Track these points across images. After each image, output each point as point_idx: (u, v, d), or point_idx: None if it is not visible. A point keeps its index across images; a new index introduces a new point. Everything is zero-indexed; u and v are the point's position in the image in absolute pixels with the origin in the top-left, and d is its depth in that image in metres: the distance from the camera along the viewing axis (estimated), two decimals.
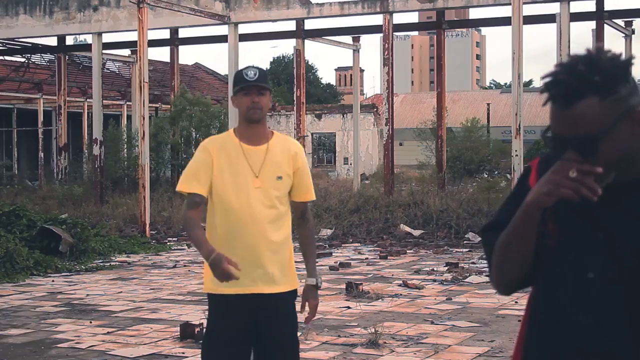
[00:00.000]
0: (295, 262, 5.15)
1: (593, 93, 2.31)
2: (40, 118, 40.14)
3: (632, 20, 27.58)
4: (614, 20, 26.25)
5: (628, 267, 2.36)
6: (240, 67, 28.75)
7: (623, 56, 2.37)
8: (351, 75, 42.04)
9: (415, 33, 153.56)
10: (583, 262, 2.42)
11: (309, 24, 27.02)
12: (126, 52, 34.22)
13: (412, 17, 37.72)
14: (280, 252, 4.97)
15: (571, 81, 2.32)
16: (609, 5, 25.63)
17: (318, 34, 28.55)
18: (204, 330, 5.24)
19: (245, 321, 4.90)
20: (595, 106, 2.31)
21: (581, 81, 2.31)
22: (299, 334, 5.25)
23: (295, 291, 5.07)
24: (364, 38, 30.55)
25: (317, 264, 5.52)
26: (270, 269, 4.91)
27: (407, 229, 20.16)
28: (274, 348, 4.97)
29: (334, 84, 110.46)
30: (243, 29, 26.36)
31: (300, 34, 26.62)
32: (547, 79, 2.37)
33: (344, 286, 12.67)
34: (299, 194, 5.08)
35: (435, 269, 14.94)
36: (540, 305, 2.55)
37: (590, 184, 2.29)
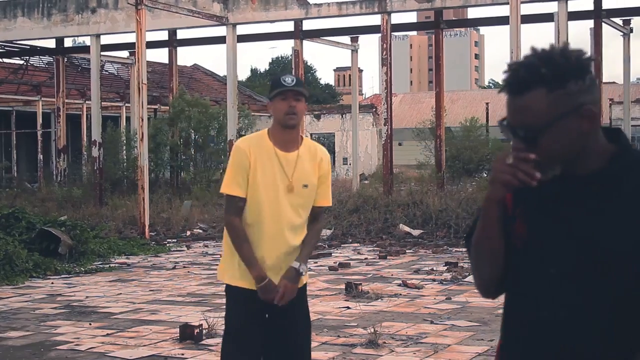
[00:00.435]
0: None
1: (541, 85, 2.38)
2: (39, 120, 40.13)
3: (630, 19, 27.61)
4: (612, 18, 26.26)
5: (587, 262, 2.39)
6: (239, 68, 28.57)
7: (585, 54, 2.43)
8: (350, 75, 42.13)
9: (414, 33, 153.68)
10: (546, 258, 2.46)
11: (307, 25, 27.05)
12: (124, 53, 34.22)
13: (411, 17, 37.91)
14: (296, 252, 5.15)
15: (522, 72, 2.40)
16: (607, 4, 25.58)
17: (316, 35, 28.56)
18: (224, 322, 5.37)
19: (259, 314, 5.09)
20: (541, 98, 2.39)
21: (530, 72, 2.39)
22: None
23: (305, 286, 5.27)
24: (362, 38, 30.61)
25: (313, 263, 5.66)
26: (287, 266, 5.11)
27: (407, 228, 20.16)
28: (287, 340, 5.15)
29: (333, 85, 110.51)
30: (241, 29, 26.44)
31: (299, 34, 26.64)
32: (505, 69, 2.46)
33: (343, 286, 12.67)
34: (317, 200, 5.21)
35: (434, 268, 14.94)
36: (509, 303, 2.60)
37: (526, 169, 2.36)
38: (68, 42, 35.09)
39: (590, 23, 25.97)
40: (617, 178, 2.42)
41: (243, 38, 27.72)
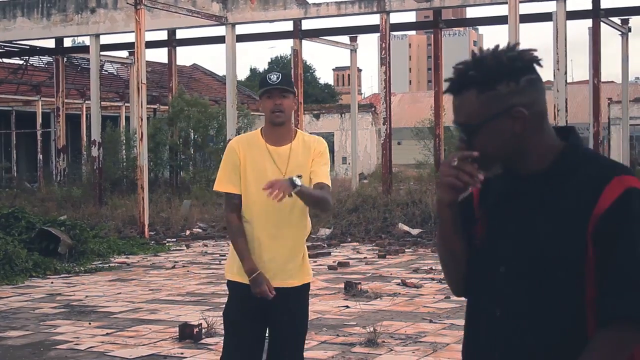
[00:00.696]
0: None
1: (472, 87, 2.47)
2: (39, 120, 40.11)
3: (628, 18, 27.63)
4: (610, 18, 26.29)
5: (533, 260, 2.43)
6: (238, 67, 28.59)
7: (523, 56, 2.48)
8: (349, 75, 42.20)
9: (413, 32, 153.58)
10: (497, 257, 2.51)
11: (306, 24, 27.06)
12: (124, 53, 34.24)
13: (409, 17, 37.85)
14: (295, 249, 5.15)
15: (454, 74, 2.50)
16: (605, 3, 25.63)
17: (315, 34, 28.58)
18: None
19: (257, 309, 5.09)
20: (472, 99, 2.47)
21: (460, 75, 2.49)
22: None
23: (307, 285, 5.27)
24: (361, 38, 30.62)
25: (313, 262, 5.64)
26: (285, 264, 5.13)
27: (406, 228, 20.18)
28: (279, 339, 5.15)
29: (332, 84, 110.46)
30: (240, 29, 26.44)
31: (298, 34, 26.66)
32: (452, 71, 2.55)
33: (342, 285, 12.70)
34: (312, 178, 5.14)
35: (433, 267, 14.95)
36: (469, 302, 2.66)
37: (470, 170, 2.43)
38: (67, 42, 35.12)
39: (588, 22, 25.97)
40: (559, 178, 2.45)
41: (242, 38, 27.73)
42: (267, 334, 5.25)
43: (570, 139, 2.52)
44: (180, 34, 30.40)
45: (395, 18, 29.97)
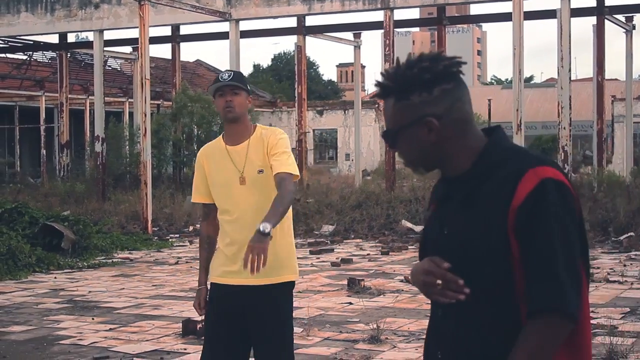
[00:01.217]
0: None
1: (390, 95, 2.60)
2: (42, 115, 40.14)
3: (632, 16, 27.61)
4: (614, 15, 26.26)
5: (460, 259, 2.48)
6: (241, 63, 28.61)
7: (437, 65, 2.55)
8: (352, 71, 42.30)
9: (416, 29, 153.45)
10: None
11: (310, 21, 27.12)
12: (128, 49, 34.25)
13: (413, 13, 37.92)
14: (273, 246, 4.91)
15: (377, 83, 2.65)
16: (609, 1, 25.63)
17: (319, 30, 28.57)
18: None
19: (236, 310, 5.08)
20: (390, 107, 2.61)
21: (380, 85, 2.63)
22: (300, 330, 5.29)
23: (290, 283, 5.17)
24: (365, 34, 30.60)
25: (316, 259, 5.61)
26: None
27: (409, 224, 20.18)
28: (260, 340, 5.07)
29: (335, 80, 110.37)
30: (244, 25, 26.40)
31: (302, 30, 26.65)
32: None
33: (345, 282, 12.70)
34: (273, 169, 5.05)
35: None
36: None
37: (451, 293, 2.47)
38: (71, 38, 35.04)
39: (593, 20, 25.97)
40: (479, 176, 2.51)
41: (246, 34, 27.71)
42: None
43: (491, 137, 2.58)
44: (184, 30, 30.46)
45: (399, 15, 29.98)
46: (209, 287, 5.23)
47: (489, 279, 2.44)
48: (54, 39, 31.71)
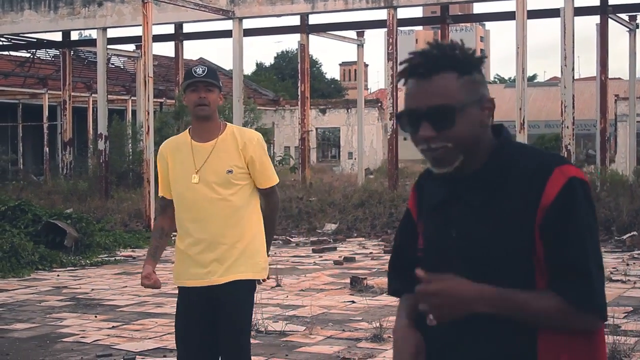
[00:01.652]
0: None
1: (451, 69, 2.36)
2: (45, 113, 40.14)
3: (636, 15, 27.56)
4: (618, 14, 26.23)
5: (478, 260, 2.38)
6: (244, 62, 28.55)
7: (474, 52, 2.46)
8: (355, 70, 42.24)
9: (420, 28, 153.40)
10: (442, 264, 2.43)
11: (313, 19, 27.07)
12: (131, 47, 34.23)
13: (417, 12, 37.92)
14: (236, 244, 5.07)
15: (433, 52, 2.38)
16: (613, 0, 25.64)
17: (322, 29, 28.57)
18: None
19: (202, 312, 5.09)
20: (453, 81, 2.36)
21: (442, 53, 2.38)
22: (302, 328, 5.31)
23: (251, 282, 5.16)
24: (368, 33, 30.52)
25: (319, 257, 5.67)
26: (222, 261, 5.06)
27: None
28: (222, 339, 5.07)
29: (338, 79, 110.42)
30: (247, 23, 26.40)
31: (305, 28, 26.64)
32: (406, 59, 2.44)
33: (348, 281, 12.70)
34: (258, 182, 5.18)
35: None
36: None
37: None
38: (74, 36, 35.09)
39: (596, 19, 25.93)
40: (497, 175, 2.40)
41: (249, 32, 27.72)
42: None
43: (502, 135, 2.48)
44: (187, 28, 30.44)
45: (403, 13, 29.96)
46: (154, 269, 5.32)
47: (509, 280, 2.34)
48: (57, 36, 31.72)
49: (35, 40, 32.98)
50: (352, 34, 30.70)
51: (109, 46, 28.32)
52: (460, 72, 2.37)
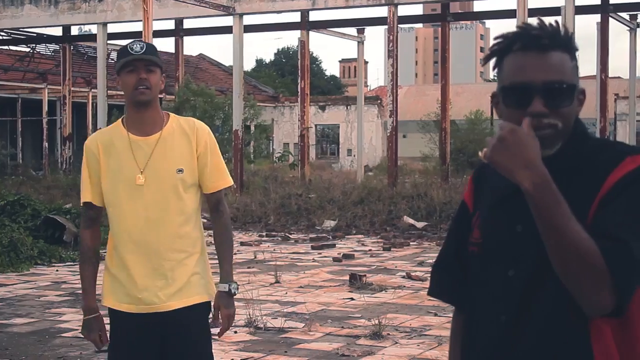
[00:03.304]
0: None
1: (565, 49, 2.27)
2: (45, 108, 40.19)
3: (636, 14, 27.61)
4: (618, 13, 26.25)
5: (542, 262, 2.20)
6: (244, 58, 28.41)
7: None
8: (355, 67, 42.06)
9: (420, 25, 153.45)
10: (504, 259, 2.31)
11: (314, 16, 27.06)
12: None
13: (417, 9, 37.93)
14: (186, 260, 4.20)
15: (549, 29, 2.27)
16: None
17: (322, 26, 28.58)
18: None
19: (149, 342, 4.19)
20: (567, 60, 2.26)
21: (559, 32, 2.26)
22: (301, 325, 5.25)
23: (206, 304, 4.28)
24: (369, 30, 30.58)
25: (317, 254, 5.37)
26: (172, 281, 4.15)
27: (411, 220, 20.17)
28: None
29: (338, 76, 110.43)
30: (248, 20, 26.42)
31: (305, 25, 26.65)
32: (516, 31, 2.30)
33: (347, 278, 12.70)
34: (209, 183, 4.25)
35: None
36: (472, 309, 2.46)
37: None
38: (75, 31, 35.08)
39: (597, 17, 25.95)
40: (565, 168, 2.25)
41: (249, 28, 27.73)
42: None
43: (577, 127, 2.32)
44: (188, 24, 30.42)
45: (403, 10, 29.97)
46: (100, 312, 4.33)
47: None
48: (57, 31, 31.75)
49: (35, 34, 32.99)
50: (352, 30, 30.74)
51: (109, 41, 28.34)
52: (571, 54, 2.28)
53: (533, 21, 2.30)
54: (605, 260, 2.08)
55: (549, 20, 2.29)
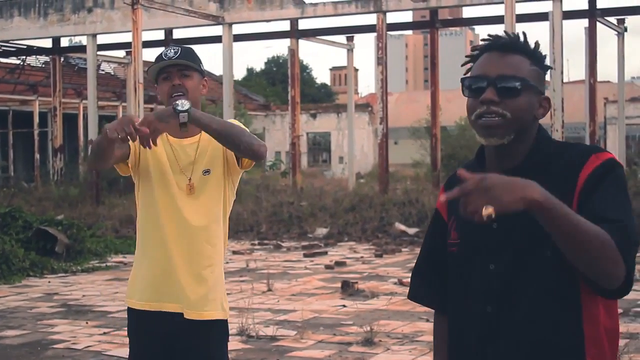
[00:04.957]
0: None
1: (526, 54, 2.53)
2: (36, 120, 40.13)
3: (624, 18, 27.66)
4: (606, 17, 26.33)
5: (520, 250, 2.43)
6: (235, 67, 28.45)
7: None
8: (345, 74, 42.14)
9: (409, 32, 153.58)
10: (484, 254, 2.51)
11: (303, 24, 27.09)
12: (121, 53, 34.24)
13: (406, 17, 37.97)
14: (207, 271, 4.07)
15: (515, 36, 2.56)
16: (601, 3, 25.73)
17: (312, 34, 28.60)
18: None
19: (159, 343, 4.11)
20: (526, 63, 2.52)
21: (521, 40, 2.55)
22: (293, 332, 5.27)
23: (223, 322, 4.11)
24: (358, 37, 30.63)
25: (310, 261, 5.36)
26: (194, 289, 4.03)
27: (402, 227, 20.21)
28: None
29: (329, 84, 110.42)
30: (237, 29, 26.43)
31: (295, 33, 26.67)
32: (489, 37, 2.60)
33: (339, 285, 12.72)
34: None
35: None
36: (451, 306, 2.66)
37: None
38: (64, 42, 35.07)
39: (585, 22, 26.04)
40: (533, 170, 2.45)
41: (239, 37, 27.75)
42: None
43: (539, 132, 2.56)
44: (177, 34, 30.42)
45: (392, 18, 30.04)
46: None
47: (553, 269, 2.39)
48: (47, 43, 31.70)
49: (25, 47, 32.94)
50: (342, 38, 30.75)
51: (99, 52, 28.34)
52: (532, 60, 2.53)
53: (502, 32, 2.61)
54: (612, 238, 2.26)
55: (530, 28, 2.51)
